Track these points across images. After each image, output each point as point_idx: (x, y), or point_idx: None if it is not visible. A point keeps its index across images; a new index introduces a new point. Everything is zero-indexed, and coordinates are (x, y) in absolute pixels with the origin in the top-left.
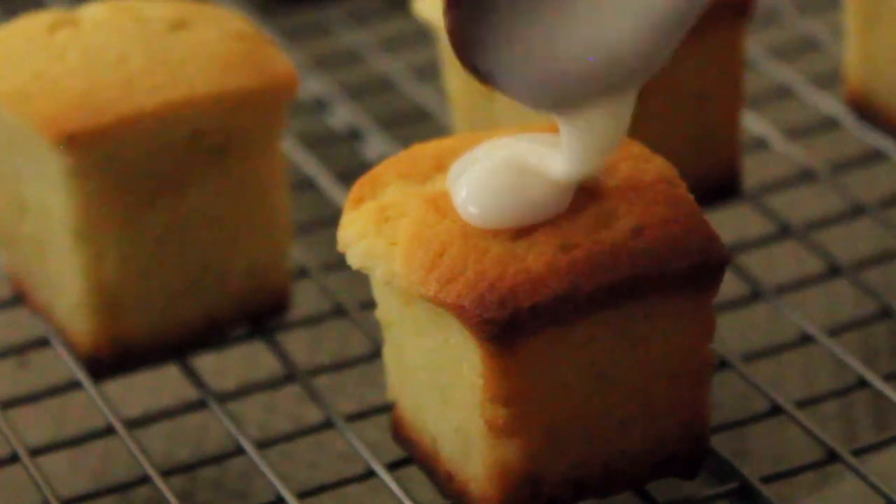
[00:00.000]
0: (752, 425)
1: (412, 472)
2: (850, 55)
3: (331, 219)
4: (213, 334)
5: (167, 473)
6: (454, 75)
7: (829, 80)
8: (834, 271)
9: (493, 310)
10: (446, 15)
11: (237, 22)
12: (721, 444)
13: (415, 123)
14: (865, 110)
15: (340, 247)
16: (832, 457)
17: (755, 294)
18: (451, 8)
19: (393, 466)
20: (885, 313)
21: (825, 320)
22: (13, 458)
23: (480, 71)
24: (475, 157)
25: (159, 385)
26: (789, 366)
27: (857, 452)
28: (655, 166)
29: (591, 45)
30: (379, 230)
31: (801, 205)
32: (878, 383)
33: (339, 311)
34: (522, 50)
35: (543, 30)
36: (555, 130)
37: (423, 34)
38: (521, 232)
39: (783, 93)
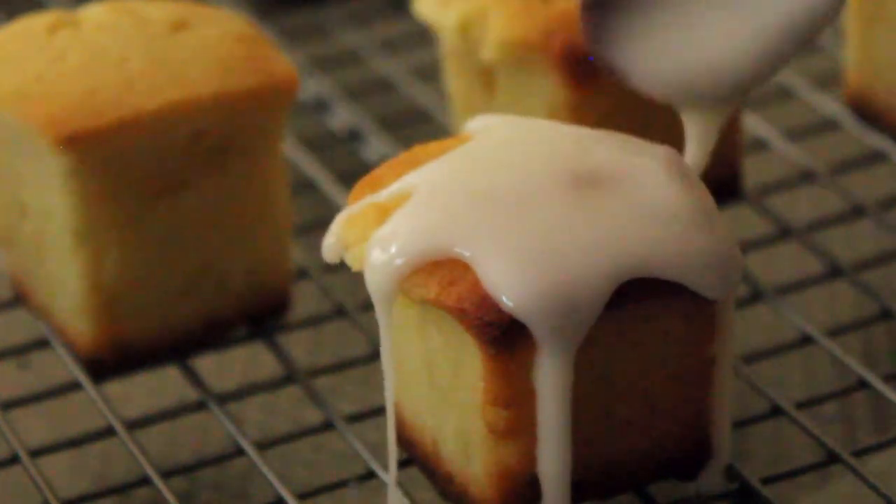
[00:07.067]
0: (752, 426)
1: (412, 473)
2: (850, 56)
3: (331, 220)
4: (213, 335)
5: (167, 474)
6: (454, 76)
7: (829, 80)
8: (834, 272)
9: (493, 312)
10: (581, 8)
11: (237, 23)
12: None
13: (415, 124)
14: (865, 111)
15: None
16: (832, 458)
17: (756, 294)
18: (586, 2)
19: None
20: (885, 314)
21: (825, 321)
22: (13, 459)
23: (611, 63)
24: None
25: (159, 386)
26: (789, 367)
27: (857, 453)
28: None
29: (719, 46)
30: None
31: (801, 206)
32: (878, 384)
33: (339, 312)
34: (658, 43)
35: (682, 22)
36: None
37: (423, 34)
38: None
39: (783, 93)
